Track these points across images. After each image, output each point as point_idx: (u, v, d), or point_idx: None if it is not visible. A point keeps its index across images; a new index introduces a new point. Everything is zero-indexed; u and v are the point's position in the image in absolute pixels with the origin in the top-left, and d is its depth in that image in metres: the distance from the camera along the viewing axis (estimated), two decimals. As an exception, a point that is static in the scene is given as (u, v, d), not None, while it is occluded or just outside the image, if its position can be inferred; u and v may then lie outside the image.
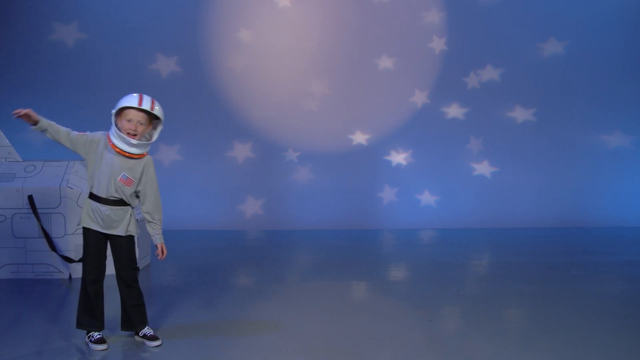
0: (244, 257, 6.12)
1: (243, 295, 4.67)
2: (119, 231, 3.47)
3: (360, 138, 7.79)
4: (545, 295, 4.56)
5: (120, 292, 3.60)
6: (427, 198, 7.84)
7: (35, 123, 3.34)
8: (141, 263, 5.36)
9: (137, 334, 3.64)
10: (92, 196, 3.43)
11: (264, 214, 7.81)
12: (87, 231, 3.47)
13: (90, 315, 3.51)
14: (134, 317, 3.61)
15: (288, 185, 7.81)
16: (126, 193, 3.44)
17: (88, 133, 3.46)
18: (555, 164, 7.75)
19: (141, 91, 3.50)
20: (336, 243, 6.81)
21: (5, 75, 7.62)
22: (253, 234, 7.50)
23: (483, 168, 7.81)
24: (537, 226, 7.71)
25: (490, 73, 7.69)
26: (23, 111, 3.28)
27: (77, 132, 3.45)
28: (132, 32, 7.56)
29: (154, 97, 3.47)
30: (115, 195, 3.41)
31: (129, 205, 3.49)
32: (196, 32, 7.62)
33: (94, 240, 3.46)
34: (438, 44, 7.65)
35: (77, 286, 4.74)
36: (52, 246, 5.01)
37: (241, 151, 7.71)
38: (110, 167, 3.38)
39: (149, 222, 3.56)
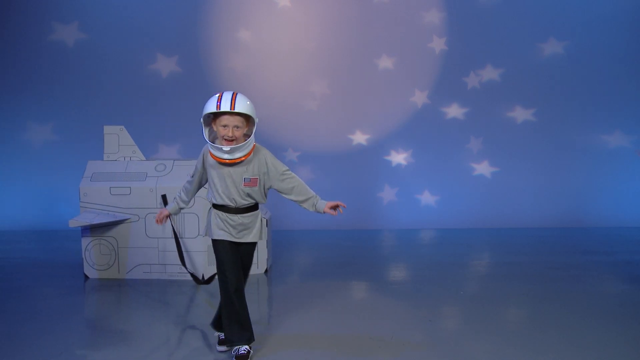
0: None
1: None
2: (252, 238, 3.31)
3: (360, 138, 7.79)
4: (545, 295, 4.56)
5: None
6: (427, 198, 7.84)
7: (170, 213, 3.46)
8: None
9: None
10: (220, 207, 3.25)
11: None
12: (219, 242, 3.26)
13: (241, 327, 3.25)
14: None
15: (288, 185, 7.79)
16: (257, 194, 3.28)
17: (196, 166, 3.34)
18: (555, 164, 7.75)
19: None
20: (336, 243, 6.81)
21: (5, 75, 7.63)
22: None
23: (483, 168, 7.81)
24: (537, 226, 7.71)
25: (490, 73, 7.69)
26: (163, 216, 3.44)
27: (191, 177, 3.40)
28: (132, 32, 7.57)
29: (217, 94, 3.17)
30: (245, 202, 3.25)
31: (257, 209, 3.34)
32: (196, 32, 7.62)
33: (228, 250, 3.25)
34: (438, 44, 7.65)
35: (209, 288, 4.68)
36: (182, 260, 4.74)
37: (241, 151, 7.70)
38: (229, 178, 3.20)
39: (304, 201, 3.41)
